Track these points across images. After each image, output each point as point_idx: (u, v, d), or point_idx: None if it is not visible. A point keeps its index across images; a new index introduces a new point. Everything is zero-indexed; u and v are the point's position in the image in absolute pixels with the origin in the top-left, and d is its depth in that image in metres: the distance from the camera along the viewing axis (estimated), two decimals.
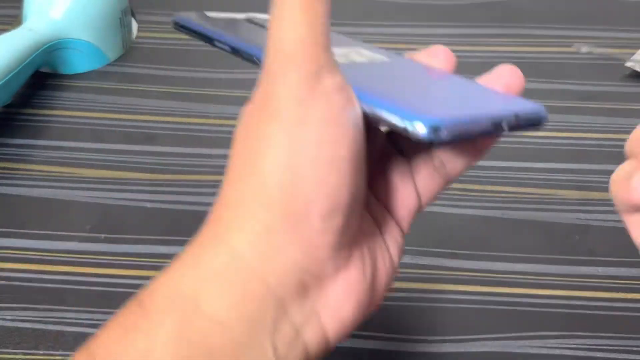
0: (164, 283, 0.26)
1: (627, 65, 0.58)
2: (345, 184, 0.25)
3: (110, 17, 0.58)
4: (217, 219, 0.28)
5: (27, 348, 0.38)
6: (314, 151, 0.25)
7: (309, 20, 0.25)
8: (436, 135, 0.22)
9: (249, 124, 0.28)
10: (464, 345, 0.38)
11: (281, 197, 0.25)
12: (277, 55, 0.25)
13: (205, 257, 0.26)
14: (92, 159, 0.50)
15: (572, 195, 0.47)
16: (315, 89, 0.25)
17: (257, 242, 0.25)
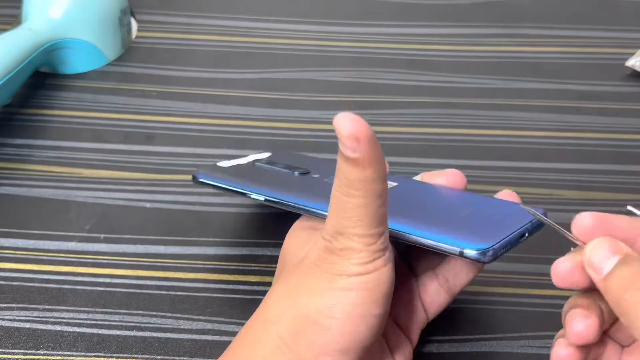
0: None
1: (627, 65, 0.58)
2: (371, 333, 0.30)
3: (110, 17, 0.58)
4: (249, 330, 0.32)
5: (26, 348, 0.38)
6: (352, 308, 0.29)
7: (368, 215, 0.29)
8: (485, 257, 0.30)
9: (301, 269, 0.31)
10: (465, 345, 0.38)
11: (310, 329, 0.30)
12: (339, 238, 0.29)
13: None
14: (91, 159, 0.50)
15: (572, 195, 0.47)
16: (367, 267, 0.29)
17: (278, 358, 0.30)
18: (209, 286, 0.41)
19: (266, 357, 0.30)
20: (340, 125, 0.27)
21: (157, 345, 0.38)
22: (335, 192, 0.29)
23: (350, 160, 0.28)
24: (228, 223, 0.45)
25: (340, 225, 0.29)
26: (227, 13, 0.65)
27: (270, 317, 0.31)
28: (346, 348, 0.29)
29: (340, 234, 0.29)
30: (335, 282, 0.29)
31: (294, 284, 0.31)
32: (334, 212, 0.29)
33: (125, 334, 0.39)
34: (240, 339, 0.32)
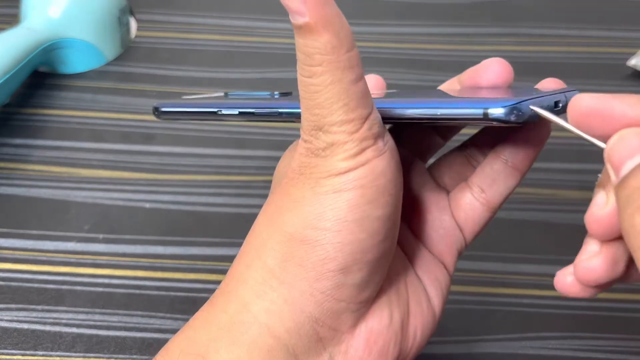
0: (178, 343, 0.26)
1: (628, 64, 0.58)
2: (375, 241, 0.25)
3: (109, 16, 0.58)
4: (233, 269, 0.27)
5: (25, 349, 0.38)
6: (343, 213, 0.24)
7: (349, 97, 0.24)
8: (513, 115, 0.23)
9: (283, 184, 0.26)
10: (465, 346, 0.38)
11: (298, 250, 0.24)
12: (318, 135, 0.24)
13: (214, 314, 0.26)
14: (90, 159, 0.49)
15: (574, 195, 0.47)
16: (357, 160, 0.24)
17: (265, 293, 0.25)
18: (208, 287, 0.41)
19: (250, 297, 0.25)
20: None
21: (156, 346, 0.38)
22: (299, 78, 0.24)
23: (301, 29, 0.23)
24: (227, 223, 0.45)
25: (314, 117, 0.24)
26: (226, 12, 0.65)
27: (253, 246, 0.26)
28: (346, 265, 0.24)
29: (318, 128, 0.24)
30: (320, 186, 0.24)
31: (276, 203, 0.26)
32: (304, 104, 0.24)
33: (125, 335, 0.39)
34: (224, 283, 0.27)
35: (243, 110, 0.30)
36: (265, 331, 0.24)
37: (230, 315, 0.25)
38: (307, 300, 0.24)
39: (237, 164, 0.49)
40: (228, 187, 0.47)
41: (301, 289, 0.24)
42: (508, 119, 0.23)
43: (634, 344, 0.39)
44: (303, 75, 0.24)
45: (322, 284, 0.24)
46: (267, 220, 0.26)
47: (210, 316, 0.26)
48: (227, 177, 0.48)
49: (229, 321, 0.25)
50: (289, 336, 0.25)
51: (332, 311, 0.25)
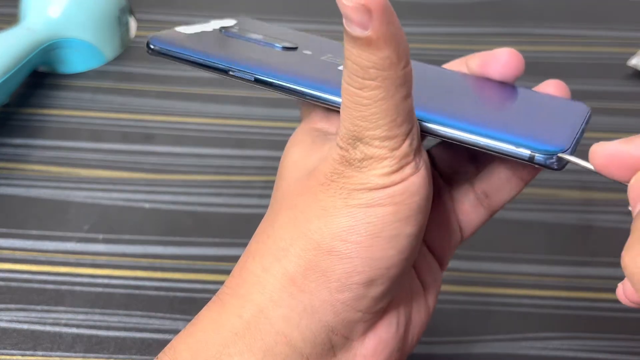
0: (187, 345, 0.25)
1: (629, 64, 0.57)
2: (401, 258, 0.24)
3: (108, 16, 0.58)
4: (246, 271, 0.25)
5: (24, 349, 0.38)
6: (376, 229, 0.24)
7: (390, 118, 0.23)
8: (561, 164, 0.24)
9: (310, 187, 0.25)
10: (466, 346, 0.38)
11: (324, 260, 0.24)
12: (357, 146, 0.24)
13: (227, 317, 0.25)
14: (90, 159, 0.49)
15: (574, 195, 0.47)
16: (394, 178, 0.24)
17: (284, 300, 0.24)
18: (208, 287, 0.41)
19: (267, 303, 0.24)
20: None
21: (156, 346, 0.38)
22: (345, 86, 0.23)
23: (360, 41, 0.22)
24: (227, 223, 0.45)
25: (356, 128, 0.23)
26: (226, 12, 0.65)
27: (271, 249, 0.25)
28: (371, 278, 0.24)
29: (358, 139, 0.23)
30: (353, 198, 0.23)
31: (301, 207, 0.25)
32: (347, 112, 0.23)
33: (124, 335, 0.39)
34: (235, 284, 0.25)
35: (260, 78, 0.27)
36: (282, 339, 0.24)
37: (246, 321, 0.24)
38: (326, 310, 0.24)
39: (237, 164, 0.49)
40: (228, 187, 0.47)
41: (322, 298, 0.24)
42: (552, 167, 0.24)
43: (634, 344, 0.39)
44: (352, 85, 0.23)
45: (344, 295, 0.24)
46: (291, 224, 0.25)
47: (221, 319, 0.25)
48: (227, 177, 0.48)
49: (244, 327, 0.24)
50: (304, 345, 0.24)
51: (348, 321, 0.25)
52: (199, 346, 0.24)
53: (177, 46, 0.28)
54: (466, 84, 0.29)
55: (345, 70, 0.23)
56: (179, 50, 0.28)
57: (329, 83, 0.26)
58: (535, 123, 0.26)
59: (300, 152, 0.27)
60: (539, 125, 0.25)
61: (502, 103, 0.28)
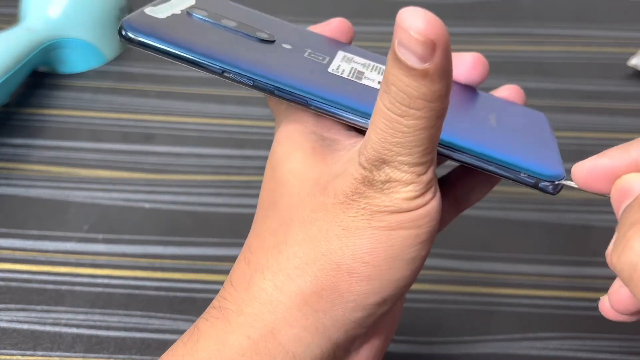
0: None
1: (629, 64, 0.57)
2: (414, 278, 0.25)
3: (108, 15, 0.58)
4: (255, 287, 0.25)
5: (24, 349, 0.38)
6: (398, 252, 0.24)
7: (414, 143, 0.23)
8: (557, 189, 0.26)
9: (327, 205, 0.24)
10: (466, 346, 0.38)
11: (342, 282, 0.24)
12: (382, 168, 0.23)
13: (234, 337, 0.24)
14: (89, 159, 0.49)
15: (574, 195, 0.47)
16: (417, 202, 0.24)
17: (297, 321, 0.24)
18: (208, 287, 0.41)
19: (278, 324, 0.24)
20: (408, 22, 0.21)
21: (155, 346, 0.38)
22: (383, 110, 0.22)
23: (415, 72, 0.21)
24: (227, 223, 0.45)
25: (387, 152, 0.23)
26: None
27: (284, 267, 0.24)
28: (385, 299, 0.24)
29: (385, 162, 0.23)
30: (376, 220, 0.23)
31: (319, 225, 0.24)
32: (380, 136, 0.23)
33: (124, 335, 0.38)
34: (241, 300, 0.25)
35: (260, 84, 0.26)
36: (291, 359, 0.24)
37: (254, 341, 0.24)
38: (337, 328, 0.24)
39: (237, 164, 0.49)
40: (228, 187, 0.47)
41: (335, 317, 0.24)
42: (551, 192, 0.26)
43: (634, 344, 0.39)
44: (393, 112, 0.22)
45: (357, 314, 0.24)
46: (307, 243, 0.24)
47: (227, 338, 0.24)
48: (227, 177, 0.48)
49: (252, 347, 0.24)
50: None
51: (353, 337, 0.25)
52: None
53: (157, 37, 0.26)
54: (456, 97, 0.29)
55: (386, 95, 0.22)
56: (161, 43, 0.26)
57: (339, 95, 0.26)
58: (522, 142, 0.27)
59: (301, 159, 0.25)
60: (528, 146, 0.27)
61: (482, 114, 0.28)
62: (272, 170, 0.26)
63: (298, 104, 0.26)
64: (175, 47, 0.25)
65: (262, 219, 0.26)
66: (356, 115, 0.25)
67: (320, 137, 0.26)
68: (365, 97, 0.26)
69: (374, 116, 0.23)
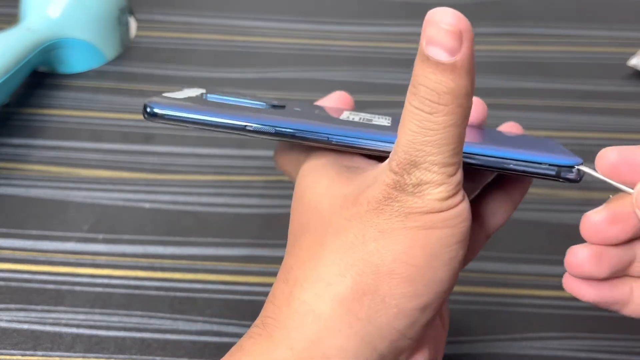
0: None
1: (629, 64, 0.57)
2: (454, 280, 0.25)
3: (109, 15, 0.58)
4: (293, 299, 0.25)
5: (24, 349, 0.38)
6: (437, 251, 0.24)
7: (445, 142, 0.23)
8: (580, 175, 0.27)
9: (360, 213, 0.24)
10: (466, 346, 0.38)
11: (384, 284, 0.24)
12: (412, 172, 0.24)
13: (277, 349, 0.24)
14: (89, 159, 0.49)
15: (574, 195, 0.47)
16: (449, 202, 0.24)
17: (339, 330, 0.23)
18: (208, 287, 0.41)
19: (321, 334, 0.23)
20: (438, 17, 0.22)
21: (155, 346, 0.38)
22: (413, 111, 0.23)
23: (443, 67, 0.22)
24: (227, 223, 0.45)
25: (417, 153, 0.23)
26: (226, 12, 0.65)
27: (322, 276, 0.24)
28: (427, 303, 0.24)
29: (415, 165, 0.23)
30: (411, 221, 0.23)
31: (355, 231, 0.24)
32: (410, 137, 0.23)
33: (124, 335, 0.39)
34: (280, 313, 0.24)
35: (281, 130, 0.28)
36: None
37: (298, 353, 0.23)
38: (383, 338, 0.24)
39: (237, 164, 0.49)
40: (228, 187, 0.47)
41: (378, 325, 0.23)
42: (577, 180, 0.27)
43: (634, 344, 0.39)
44: (423, 110, 0.23)
45: (401, 321, 0.24)
46: (344, 249, 0.24)
47: (270, 352, 0.24)
48: (227, 177, 0.48)
49: (296, 359, 0.23)
50: None
51: (398, 349, 0.24)
52: None
53: (184, 109, 0.28)
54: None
55: (415, 96, 0.23)
56: (189, 112, 0.28)
57: (357, 129, 0.27)
58: (536, 145, 0.28)
59: (328, 183, 0.26)
60: (541, 148, 0.28)
61: (494, 132, 0.31)
62: (299, 200, 0.27)
63: (319, 142, 0.27)
64: (199, 114, 0.28)
65: (294, 243, 0.26)
66: (376, 141, 0.27)
67: (344, 167, 0.27)
68: (381, 129, 0.28)
69: (403, 120, 0.24)
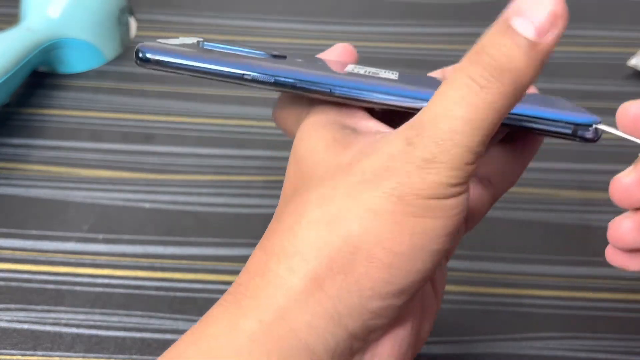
0: (196, 351, 0.23)
1: (629, 64, 0.57)
2: (435, 270, 0.23)
3: (109, 15, 0.58)
4: (268, 271, 0.23)
5: (24, 349, 0.38)
6: (423, 242, 0.22)
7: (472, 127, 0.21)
8: (598, 135, 0.25)
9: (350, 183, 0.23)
10: (466, 346, 0.38)
11: (360, 267, 0.22)
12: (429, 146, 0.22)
13: (244, 321, 0.23)
14: (89, 159, 0.49)
15: (574, 195, 0.47)
16: (453, 190, 0.22)
17: (309, 306, 0.22)
18: (208, 287, 0.41)
19: (291, 309, 0.22)
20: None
21: (156, 346, 0.38)
22: (462, 78, 0.21)
23: (522, 42, 0.20)
24: (227, 223, 0.45)
25: (444, 126, 0.21)
26: (226, 12, 0.65)
27: (299, 250, 0.22)
28: (403, 289, 0.22)
29: (436, 139, 0.21)
30: (403, 204, 0.21)
31: (339, 205, 0.22)
32: (445, 104, 0.21)
33: (124, 335, 0.38)
34: (252, 283, 0.23)
35: (281, 80, 0.26)
36: (303, 347, 0.22)
37: (266, 326, 0.22)
38: (353, 318, 0.23)
39: (237, 164, 0.49)
40: (228, 187, 0.47)
41: (350, 306, 0.22)
42: (594, 139, 0.25)
43: (634, 344, 0.39)
44: (475, 81, 0.21)
45: (375, 304, 0.22)
46: (325, 223, 0.22)
47: (238, 322, 0.23)
48: (227, 177, 0.48)
49: (263, 332, 0.22)
50: (326, 352, 0.23)
51: (371, 327, 0.23)
52: (212, 353, 0.22)
53: (178, 55, 0.26)
54: None
55: (474, 64, 0.21)
56: (182, 58, 0.26)
57: (361, 80, 0.26)
58: (551, 104, 0.27)
59: (324, 149, 0.24)
60: (557, 106, 0.26)
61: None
62: (293, 164, 0.25)
63: (321, 93, 0.25)
64: (193, 60, 0.26)
65: (282, 207, 0.25)
66: (381, 93, 0.25)
67: (341, 127, 0.25)
68: (387, 81, 0.26)
69: (444, 87, 0.22)
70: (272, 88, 0.26)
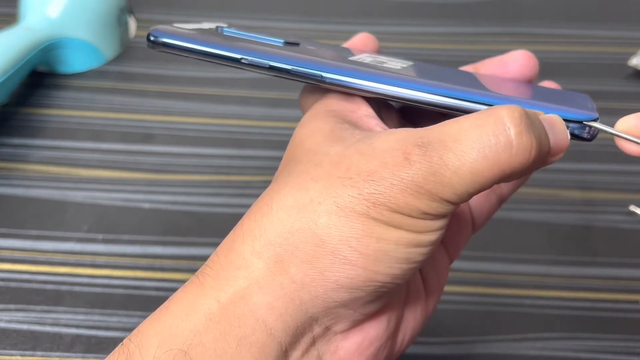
0: (156, 331, 0.22)
1: (630, 64, 0.57)
2: (407, 275, 0.23)
3: (108, 15, 0.58)
4: (233, 252, 0.24)
5: (24, 349, 0.38)
6: (390, 248, 0.22)
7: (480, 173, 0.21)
8: (590, 133, 0.25)
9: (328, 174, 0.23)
10: (466, 346, 0.38)
11: (325, 260, 0.22)
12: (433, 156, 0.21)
13: (203, 300, 0.23)
14: (89, 159, 0.49)
15: (574, 195, 0.47)
16: (422, 217, 0.22)
17: (271, 288, 0.22)
18: None
19: (251, 290, 0.22)
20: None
21: None
22: (507, 110, 0.21)
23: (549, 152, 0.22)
24: (227, 223, 0.45)
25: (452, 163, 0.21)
26: (226, 12, 0.65)
27: (265, 232, 0.23)
28: (368, 287, 0.22)
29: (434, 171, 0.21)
30: (376, 211, 0.21)
31: (312, 195, 0.22)
32: (459, 140, 0.21)
33: (124, 336, 0.38)
34: (218, 265, 0.23)
35: (276, 66, 0.26)
36: (261, 327, 0.22)
37: (223, 305, 0.22)
38: (316, 304, 0.22)
39: (237, 164, 0.49)
40: (228, 187, 0.47)
41: (314, 293, 0.22)
42: (588, 138, 0.24)
43: (634, 344, 0.39)
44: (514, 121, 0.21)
45: (340, 295, 0.22)
46: (295, 211, 0.22)
47: (197, 302, 0.23)
48: (227, 177, 0.48)
49: (220, 311, 0.22)
50: (285, 335, 0.22)
51: (336, 315, 0.23)
52: (169, 331, 0.22)
53: (182, 38, 0.27)
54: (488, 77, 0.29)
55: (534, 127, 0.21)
56: (185, 41, 0.26)
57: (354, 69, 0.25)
58: (556, 99, 0.26)
59: (319, 139, 0.24)
60: (561, 102, 0.26)
61: (523, 89, 0.28)
62: (290, 151, 0.26)
63: (313, 79, 0.25)
64: (192, 42, 0.27)
65: (269, 188, 0.25)
66: (371, 82, 0.25)
67: (341, 120, 0.25)
68: (385, 71, 0.26)
69: (472, 121, 0.21)
70: (268, 73, 0.26)
